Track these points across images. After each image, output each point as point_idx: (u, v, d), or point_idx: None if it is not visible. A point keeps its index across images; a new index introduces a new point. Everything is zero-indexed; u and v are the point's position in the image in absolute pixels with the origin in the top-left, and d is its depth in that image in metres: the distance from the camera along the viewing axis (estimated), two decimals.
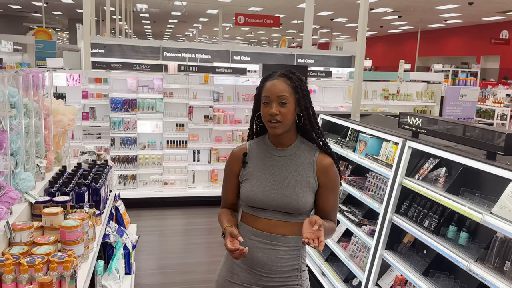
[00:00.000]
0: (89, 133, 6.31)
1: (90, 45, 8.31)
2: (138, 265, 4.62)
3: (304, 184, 1.91)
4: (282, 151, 1.97)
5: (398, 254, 2.87)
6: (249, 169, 1.99)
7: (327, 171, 1.94)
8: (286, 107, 1.86)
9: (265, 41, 38.75)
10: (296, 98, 1.88)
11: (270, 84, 1.90)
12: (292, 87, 1.89)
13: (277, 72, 1.95)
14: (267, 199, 1.91)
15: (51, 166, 3.24)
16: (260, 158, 2.00)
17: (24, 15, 24.69)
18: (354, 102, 4.21)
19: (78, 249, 2.24)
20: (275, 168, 1.96)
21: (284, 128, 1.88)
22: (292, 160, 1.95)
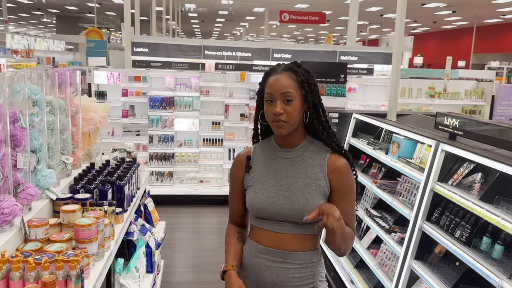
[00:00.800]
0: (129, 130, 6.44)
1: (134, 44, 8.51)
2: (169, 262, 4.66)
3: (313, 188, 1.72)
4: (289, 152, 1.78)
5: (428, 265, 2.67)
6: (253, 174, 1.82)
7: (341, 173, 1.73)
8: (292, 104, 1.67)
9: (312, 39, 38.30)
10: (303, 93, 1.70)
11: (273, 80, 1.71)
12: (298, 82, 1.69)
13: (281, 66, 1.76)
14: (272, 207, 1.73)
15: (80, 162, 3.28)
16: (265, 162, 1.82)
17: (80, 16, 25.76)
18: (391, 101, 4.00)
19: (91, 248, 2.23)
20: (281, 171, 1.78)
21: (290, 127, 1.71)
22: (300, 162, 1.76)
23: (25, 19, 29.85)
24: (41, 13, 25.74)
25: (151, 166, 6.42)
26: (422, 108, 6.80)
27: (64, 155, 2.96)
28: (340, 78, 6.46)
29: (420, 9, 19.43)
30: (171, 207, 6.33)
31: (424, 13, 21.06)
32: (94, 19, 17.69)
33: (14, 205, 2.05)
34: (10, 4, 20.74)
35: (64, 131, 2.94)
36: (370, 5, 19.24)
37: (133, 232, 3.15)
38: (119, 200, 2.99)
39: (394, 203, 3.08)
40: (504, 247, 2.19)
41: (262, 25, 20.42)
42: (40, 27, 35.26)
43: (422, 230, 2.71)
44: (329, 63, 7.11)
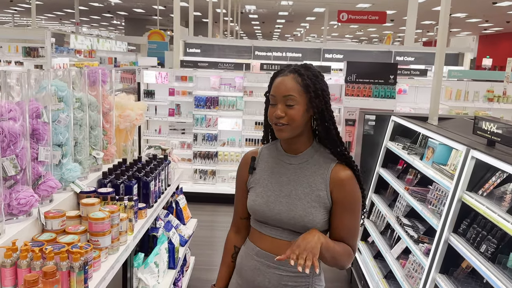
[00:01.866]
0: (175, 128, 6.61)
1: (187, 45, 8.73)
2: (203, 259, 4.70)
3: (313, 198, 1.65)
4: (293, 158, 1.72)
5: (453, 280, 2.48)
6: (256, 176, 1.78)
7: (343, 185, 1.64)
8: (294, 108, 1.61)
9: (376, 39, 37.27)
10: (308, 98, 1.62)
11: (278, 81, 1.66)
12: (303, 85, 1.62)
13: (290, 67, 1.69)
14: (271, 211, 1.69)
15: (112, 158, 3.39)
16: (269, 165, 1.77)
17: (147, 18, 26.88)
18: (432, 104, 3.77)
19: (104, 241, 2.29)
20: (283, 177, 1.72)
21: (292, 132, 1.64)
22: (303, 170, 1.69)
23: (96, 21, 31.63)
24: (111, 16, 27.15)
25: (194, 164, 6.54)
26: (479, 113, 6.36)
27: (95, 150, 3.07)
28: (390, 79, 6.23)
29: (491, 8, 18.29)
30: (212, 205, 6.41)
31: (496, 13, 19.78)
32: (161, 21, 18.39)
33: (30, 196, 2.14)
34: (82, 7, 22.08)
35: (96, 127, 3.05)
36: (436, 4, 18.39)
37: (159, 228, 3.21)
38: (145, 195, 3.06)
39: (424, 212, 2.90)
40: None
41: (323, 25, 20.22)
42: (111, 28, 37.22)
43: (448, 242, 2.53)
44: (377, 63, 6.86)
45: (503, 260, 2.10)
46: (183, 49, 8.68)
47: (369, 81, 6.17)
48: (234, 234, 1.97)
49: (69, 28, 35.00)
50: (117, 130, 3.58)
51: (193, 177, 6.64)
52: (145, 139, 6.55)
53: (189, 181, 6.63)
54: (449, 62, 9.06)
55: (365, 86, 6.12)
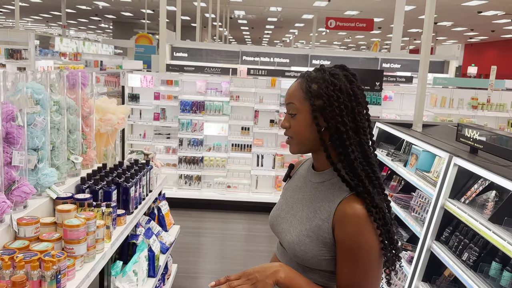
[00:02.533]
0: (160, 133, 6.53)
1: (174, 49, 8.68)
2: (187, 267, 4.63)
3: (312, 226, 1.37)
4: (315, 176, 1.47)
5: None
6: (287, 185, 1.60)
7: (345, 221, 1.30)
8: (296, 118, 1.39)
9: (364, 46, 37.57)
10: (311, 106, 1.35)
11: (287, 89, 1.47)
12: (305, 92, 1.36)
13: (303, 72, 1.46)
14: (276, 227, 1.51)
15: (92, 163, 3.32)
16: (299, 178, 1.57)
17: (135, 22, 26.74)
18: (416, 111, 3.77)
19: (79, 249, 2.22)
20: (301, 193, 1.50)
21: (299, 146, 1.41)
22: (317, 191, 1.43)
23: (84, 24, 31.40)
24: (99, 19, 26.96)
25: (179, 169, 6.46)
26: (464, 120, 6.41)
27: (73, 154, 3.00)
28: (376, 86, 6.24)
29: (476, 17, 18.55)
30: (197, 211, 6.35)
31: (481, 22, 20.07)
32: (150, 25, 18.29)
33: (2, 202, 2.07)
34: (69, 10, 21.89)
35: (75, 131, 2.98)
36: (423, 13, 18.59)
37: (138, 235, 3.14)
38: (124, 202, 3.00)
39: (407, 219, 2.88)
40: None
41: (311, 32, 20.31)
42: (99, 32, 36.97)
43: (431, 250, 2.50)
44: (364, 70, 6.88)
45: (485, 268, 2.08)
46: (170, 53, 8.62)
47: None
48: None
49: (56, 31, 34.70)
50: (98, 134, 3.51)
51: (178, 182, 6.56)
52: (129, 144, 6.46)
53: (174, 186, 6.55)
54: (434, 70, 9.15)
55: None
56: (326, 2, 15.98)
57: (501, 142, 2.39)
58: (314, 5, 17.85)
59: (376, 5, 16.95)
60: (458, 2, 15.31)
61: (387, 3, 15.82)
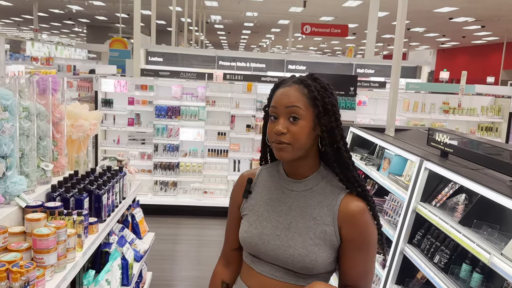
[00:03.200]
0: (134, 138, 6.45)
1: (149, 54, 8.61)
2: (162, 274, 4.58)
3: (317, 234, 1.39)
4: (296, 184, 1.45)
5: None
6: (251, 202, 1.51)
7: (354, 220, 1.37)
8: (298, 124, 1.36)
9: (339, 51, 38.08)
10: (315, 113, 1.37)
11: (280, 92, 1.41)
12: (310, 98, 1.37)
13: (293, 78, 1.45)
14: (265, 246, 1.43)
15: (63, 170, 3.25)
16: (268, 190, 1.51)
17: (110, 26, 26.43)
18: (389, 115, 3.84)
19: (49, 258, 2.17)
20: (283, 205, 1.46)
21: (294, 153, 1.38)
22: (307, 198, 1.43)
23: (57, 28, 30.85)
24: (72, 23, 26.54)
25: (155, 175, 6.39)
26: (436, 124, 6.56)
27: (44, 161, 2.93)
28: (350, 91, 6.32)
29: (448, 23, 19.04)
30: (173, 217, 6.28)
31: (452, 28, 20.61)
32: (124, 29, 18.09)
33: None
34: (41, 14, 21.47)
35: (45, 138, 2.92)
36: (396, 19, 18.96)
37: (111, 244, 3.09)
38: (97, 209, 2.94)
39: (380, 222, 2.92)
40: (482, 276, 2.01)
41: (287, 37, 20.47)
42: (72, 36, 36.38)
43: (403, 253, 2.54)
44: (338, 75, 6.97)
45: (456, 270, 2.12)
46: (144, 57, 8.54)
47: None
48: (223, 268, 1.67)
49: (28, 35, 33.97)
50: (69, 141, 3.44)
51: (154, 188, 6.49)
52: (103, 150, 6.36)
53: (149, 193, 6.47)
54: (407, 75, 9.33)
55: None
56: (302, 8, 16.14)
57: (471, 146, 2.44)
58: (290, 11, 18.01)
59: (350, 11, 17.23)
60: (430, 8, 15.69)
61: (361, 9, 16.11)
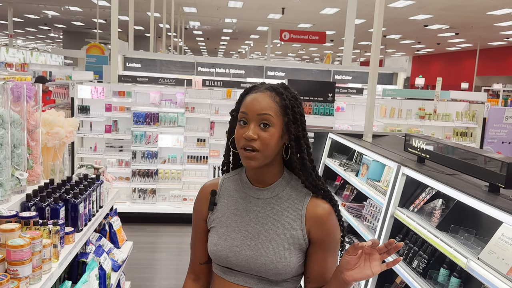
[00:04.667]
0: (112, 145, 6.36)
1: (127, 60, 8.52)
2: (139, 283, 4.51)
3: (286, 239, 1.40)
4: (261, 192, 1.45)
5: None
6: (217, 214, 1.50)
7: (323, 222, 1.40)
8: (269, 130, 1.36)
9: (317, 58, 38.46)
10: (285, 121, 1.39)
11: (251, 98, 1.40)
12: (282, 106, 1.39)
13: (264, 85, 1.45)
14: (236, 258, 1.42)
15: (38, 178, 3.18)
16: (233, 199, 1.50)
17: (86, 32, 26.10)
18: (366, 122, 3.88)
19: (23, 270, 2.11)
20: (251, 214, 1.45)
21: (263, 160, 1.38)
22: (273, 205, 1.44)
23: (32, 33, 30.29)
24: (48, 28, 26.11)
25: (133, 183, 6.30)
26: (412, 130, 6.67)
27: (18, 170, 2.87)
28: (328, 97, 6.38)
29: (423, 30, 19.46)
30: (152, 225, 6.20)
31: (427, 35, 21.07)
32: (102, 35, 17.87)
33: None
34: (16, 19, 21.06)
35: (19, 146, 2.86)
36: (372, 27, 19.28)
37: (88, 253, 3.03)
38: (73, 219, 2.88)
39: (359, 227, 2.94)
40: (460, 280, 2.04)
41: (266, 43, 20.58)
42: (48, 41, 35.76)
43: None
44: (317, 82, 7.03)
45: (434, 275, 2.14)
46: (122, 63, 8.45)
47: (309, 98, 6.29)
48: (192, 283, 1.65)
49: (2, 40, 33.24)
50: (45, 149, 3.38)
51: (132, 196, 6.40)
52: (79, 157, 6.24)
53: (127, 200, 6.38)
54: (384, 81, 9.48)
55: (305, 103, 6.23)
56: (280, 15, 16.27)
57: (447, 151, 2.49)
58: (269, 18, 18.13)
59: (328, 18, 17.44)
60: (405, 16, 16.01)
61: (338, 16, 16.34)
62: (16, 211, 2.50)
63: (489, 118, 6.34)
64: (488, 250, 1.75)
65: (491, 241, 1.76)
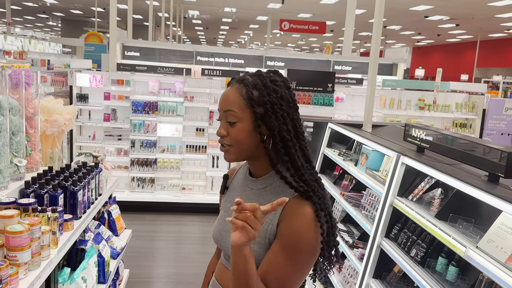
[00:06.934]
0: (110, 134, 6.35)
1: (125, 48, 8.47)
2: (140, 272, 4.53)
3: (260, 233, 1.27)
4: (254, 182, 1.44)
5: (386, 284, 2.53)
6: (225, 198, 1.55)
7: (291, 218, 1.29)
8: (236, 126, 1.34)
9: (317, 48, 38.29)
10: (254, 114, 1.33)
11: (222, 95, 1.40)
12: (247, 99, 1.33)
13: (240, 76, 1.40)
14: (223, 242, 1.45)
15: (37, 166, 3.18)
16: (237, 186, 1.53)
17: (85, 20, 25.91)
18: (366, 112, 3.87)
19: (22, 256, 2.12)
20: None
21: (238, 154, 1.37)
22: (260, 197, 1.40)
23: (31, 21, 30.07)
24: (46, 16, 25.91)
25: (132, 172, 6.30)
26: (411, 120, 6.66)
27: (17, 157, 2.86)
28: (328, 88, 6.35)
29: (423, 21, 19.35)
30: (151, 214, 6.21)
31: (427, 26, 20.96)
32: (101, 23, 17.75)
33: None
34: (15, 7, 20.89)
35: (18, 133, 2.85)
36: (373, 17, 19.18)
37: (87, 241, 3.03)
38: (72, 206, 2.88)
39: (358, 217, 2.95)
40: (458, 268, 2.05)
41: (266, 33, 20.45)
42: (46, 30, 35.52)
43: (380, 247, 2.57)
44: (316, 72, 6.99)
45: (432, 264, 2.15)
46: (121, 52, 8.40)
47: (309, 88, 6.26)
48: (215, 259, 1.74)
49: (0, 29, 33.02)
50: (43, 136, 3.37)
51: (130, 185, 6.40)
52: (78, 146, 6.23)
53: (125, 189, 6.39)
54: (384, 72, 9.45)
55: (305, 93, 6.21)
56: (280, 4, 16.15)
57: (447, 141, 2.48)
58: (268, 7, 18.00)
59: (328, 8, 17.32)
60: (406, 6, 15.91)
61: (338, 6, 16.23)
62: (15, 197, 2.51)
63: (489, 110, 6.33)
64: (487, 239, 1.75)
65: (490, 230, 1.76)
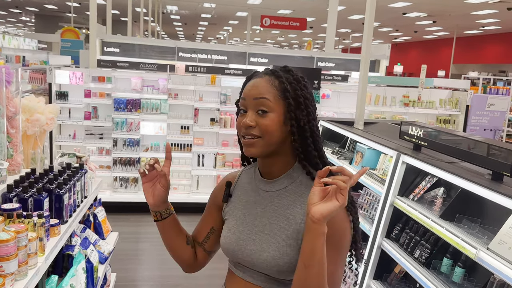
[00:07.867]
0: (92, 133, 6.15)
1: (105, 44, 8.25)
2: (126, 275, 4.40)
3: (289, 234, 1.29)
4: (270, 184, 1.37)
5: (387, 285, 2.48)
6: (231, 206, 1.44)
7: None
8: (267, 116, 1.27)
9: (296, 45, 38.35)
10: (286, 106, 1.29)
11: (250, 84, 1.33)
12: (280, 89, 1.29)
13: (266, 70, 1.37)
14: (242, 252, 1.35)
15: (19, 168, 3.02)
16: (246, 192, 1.43)
17: (60, 15, 25.27)
18: (358, 109, 3.83)
19: (9, 266, 1.99)
20: (258, 207, 1.38)
21: (265, 148, 1.29)
22: (281, 198, 1.34)
23: (3, 16, 29.18)
24: (19, 11, 25.16)
25: (114, 172, 6.13)
26: (396, 117, 6.67)
27: None
28: (314, 84, 6.30)
29: (401, 18, 19.56)
30: (135, 215, 6.05)
31: (405, 23, 21.20)
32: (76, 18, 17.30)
33: None
34: None
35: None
36: (352, 13, 19.27)
37: (74, 246, 2.90)
38: (58, 210, 2.74)
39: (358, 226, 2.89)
40: (464, 270, 2.01)
41: (246, 29, 20.32)
42: (19, 25, 34.54)
43: (381, 248, 2.52)
44: (302, 69, 6.93)
45: (438, 265, 2.11)
46: (100, 48, 8.17)
47: None
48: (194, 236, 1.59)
49: None
50: (25, 136, 3.21)
51: (113, 185, 6.23)
52: (58, 145, 6.02)
53: (108, 189, 6.21)
54: None
55: None
56: (260, 0, 16.06)
57: (446, 139, 2.45)
58: (248, 3, 17.89)
59: (307, 4, 17.31)
60: (385, 3, 16.03)
61: (318, 3, 16.23)
62: (6, 203, 2.37)
63: (472, 106, 6.39)
64: (499, 240, 1.71)
65: (501, 231, 1.72)
